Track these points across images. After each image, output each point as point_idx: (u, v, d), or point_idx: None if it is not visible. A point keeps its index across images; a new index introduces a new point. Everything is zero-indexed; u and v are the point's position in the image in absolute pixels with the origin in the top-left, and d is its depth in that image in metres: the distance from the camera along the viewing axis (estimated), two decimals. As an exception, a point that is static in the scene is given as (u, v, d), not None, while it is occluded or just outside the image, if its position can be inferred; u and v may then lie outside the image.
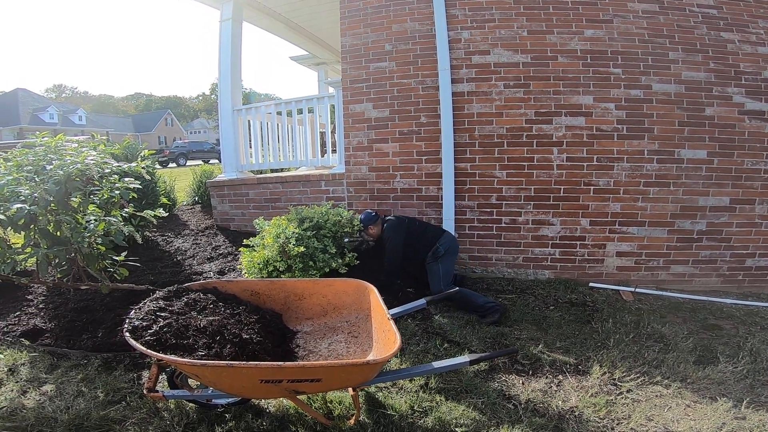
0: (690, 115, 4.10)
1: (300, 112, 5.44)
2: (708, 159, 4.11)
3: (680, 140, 4.12)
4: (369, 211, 4.12)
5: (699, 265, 4.21)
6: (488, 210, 4.46)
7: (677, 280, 4.25)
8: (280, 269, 3.56)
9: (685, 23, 4.09)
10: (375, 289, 2.53)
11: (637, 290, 4.10)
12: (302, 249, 3.51)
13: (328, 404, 2.38)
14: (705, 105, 4.08)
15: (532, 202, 4.36)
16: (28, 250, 3.01)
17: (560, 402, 2.44)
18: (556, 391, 2.56)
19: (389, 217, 4.07)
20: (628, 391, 2.54)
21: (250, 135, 5.79)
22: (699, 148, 4.11)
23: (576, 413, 2.34)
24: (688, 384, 2.61)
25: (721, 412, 2.33)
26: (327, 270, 3.62)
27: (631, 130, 4.16)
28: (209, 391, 2.13)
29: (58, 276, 3.47)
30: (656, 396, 2.50)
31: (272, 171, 7.01)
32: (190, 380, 2.27)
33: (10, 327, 3.29)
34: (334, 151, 5.34)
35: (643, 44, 4.11)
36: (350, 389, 2.18)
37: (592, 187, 4.25)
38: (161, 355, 1.87)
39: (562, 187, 4.29)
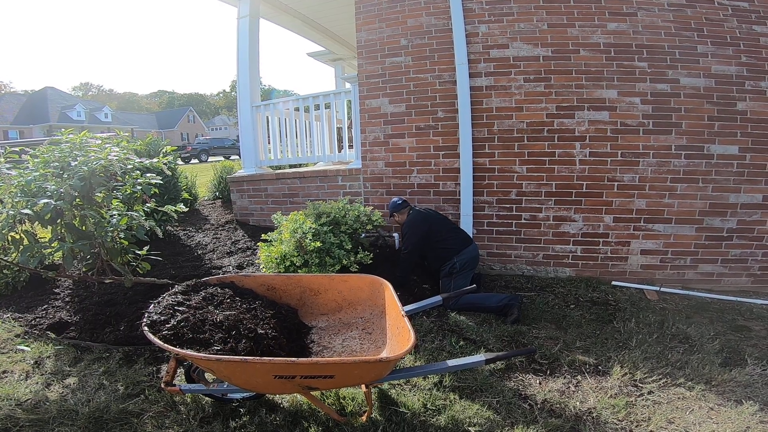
0: (721, 109, 3.95)
1: (317, 107, 5.45)
2: (740, 155, 3.95)
3: (710, 135, 3.97)
4: (397, 198, 4.06)
5: (728, 264, 4.06)
6: (507, 206, 4.39)
7: (705, 279, 4.11)
8: (297, 264, 3.58)
9: (714, 16, 3.93)
10: (390, 285, 2.52)
11: (662, 289, 3.98)
12: (319, 244, 3.52)
13: (341, 400, 2.38)
14: (737, 99, 3.93)
15: (553, 198, 4.27)
16: (55, 244, 3.10)
17: (578, 403, 2.39)
18: (574, 391, 2.51)
19: (415, 209, 3.99)
20: (649, 393, 2.47)
21: (268, 131, 5.84)
22: (730, 143, 3.96)
23: (594, 414, 2.29)
24: (712, 386, 2.52)
25: (746, 415, 2.25)
26: (338, 267, 3.61)
27: (657, 125, 4.03)
28: (224, 386, 2.15)
29: (83, 270, 3.57)
30: (678, 398, 2.42)
31: (290, 166, 7.06)
32: (206, 374, 2.30)
33: (37, 320, 3.40)
34: (351, 146, 5.34)
35: (670, 37, 3.97)
36: (363, 386, 2.17)
37: (616, 183, 4.14)
38: (177, 350, 1.90)
39: (585, 182, 4.19)
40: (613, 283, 4.13)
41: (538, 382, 2.61)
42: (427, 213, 3.97)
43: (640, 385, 2.55)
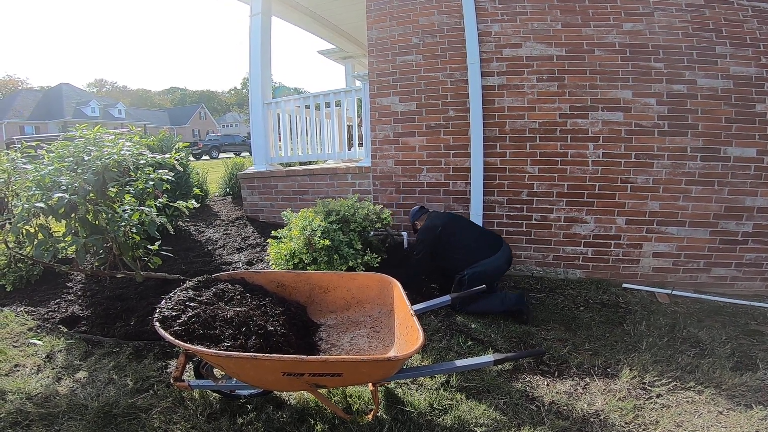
0: (738, 111, 3.88)
1: (327, 105, 5.46)
2: (758, 158, 3.88)
3: (727, 137, 3.90)
4: (415, 207, 3.95)
5: (743, 268, 3.99)
6: (518, 206, 4.36)
7: (718, 283, 4.04)
8: (306, 261, 3.59)
9: (733, 17, 3.86)
10: (399, 284, 2.51)
11: (674, 292, 3.93)
12: (327, 242, 3.52)
13: (348, 398, 2.39)
14: (756, 101, 3.85)
15: (564, 199, 4.23)
16: (69, 238, 3.14)
17: (585, 405, 2.37)
18: (582, 393, 2.49)
19: (434, 212, 3.87)
20: (657, 396, 2.44)
21: (279, 128, 5.86)
22: (748, 145, 3.88)
23: (601, 417, 2.27)
24: (722, 390, 2.49)
25: (756, 420, 2.22)
26: (344, 267, 3.61)
27: (673, 126, 3.97)
28: (233, 382, 2.17)
29: (96, 264, 3.62)
30: (687, 402, 2.40)
31: (300, 164, 7.08)
32: (215, 371, 2.32)
33: (50, 314, 3.45)
34: (360, 144, 5.34)
35: (687, 38, 3.91)
36: (370, 384, 2.17)
37: (629, 185, 4.08)
38: (188, 346, 1.91)
39: (597, 183, 4.15)
40: (624, 285, 4.09)
41: (545, 383, 2.59)
42: (444, 218, 3.71)
43: (649, 388, 2.52)
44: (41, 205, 2.85)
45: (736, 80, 3.86)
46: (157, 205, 3.66)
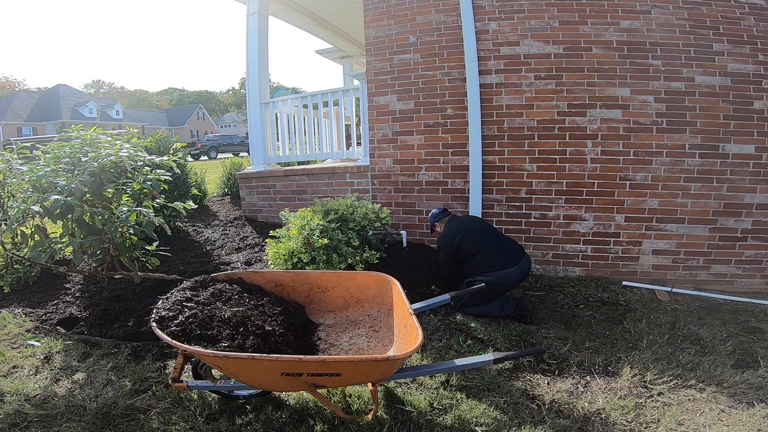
0: (736, 108, 3.88)
1: (325, 104, 5.45)
2: (756, 154, 3.88)
3: (725, 134, 3.90)
4: (436, 209, 3.81)
5: (742, 265, 3.99)
6: (517, 204, 4.35)
7: (718, 280, 4.04)
8: (305, 261, 3.57)
9: (730, 14, 3.86)
10: (397, 283, 2.50)
11: (674, 290, 3.92)
12: (326, 241, 3.51)
13: (347, 398, 2.37)
14: (753, 98, 3.86)
15: (563, 197, 4.23)
16: (66, 239, 3.12)
17: (586, 403, 2.36)
18: (582, 392, 2.48)
19: (454, 218, 3.72)
20: (659, 394, 2.44)
21: (277, 128, 5.85)
22: (746, 142, 3.88)
23: (602, 415, 2.26)
24: (724, 388, 2.48)
25: (758, 417, 2.21)
26: (344, 266, 3.59)
27: (671, 123, 3.97)
28: (231, 383, 2.15)
29: (94, 265, 3.60)
30: (689, 400, 2.39)
31: (299, 163, 7.07)
32: (213, 371, 2.31)
33: (48, 315, 3.43)
34: (359, 143, 5.33)
35: (685, 35, 3.91)
36: (369, 384, 2.16)
37: (628, 182, 4.08)
38: (185, 346, 1.90)
39: (596, 181, 4.14)
40: (624, 283, 4.08)
41: (546, 382, 2.58)
42: (463, 227, 3.55)
43: (650, 386, 2.51)
44: (37, 208, 2.83)
45: (734, 77, 3.86)
46: (155, 205, 3.64)
